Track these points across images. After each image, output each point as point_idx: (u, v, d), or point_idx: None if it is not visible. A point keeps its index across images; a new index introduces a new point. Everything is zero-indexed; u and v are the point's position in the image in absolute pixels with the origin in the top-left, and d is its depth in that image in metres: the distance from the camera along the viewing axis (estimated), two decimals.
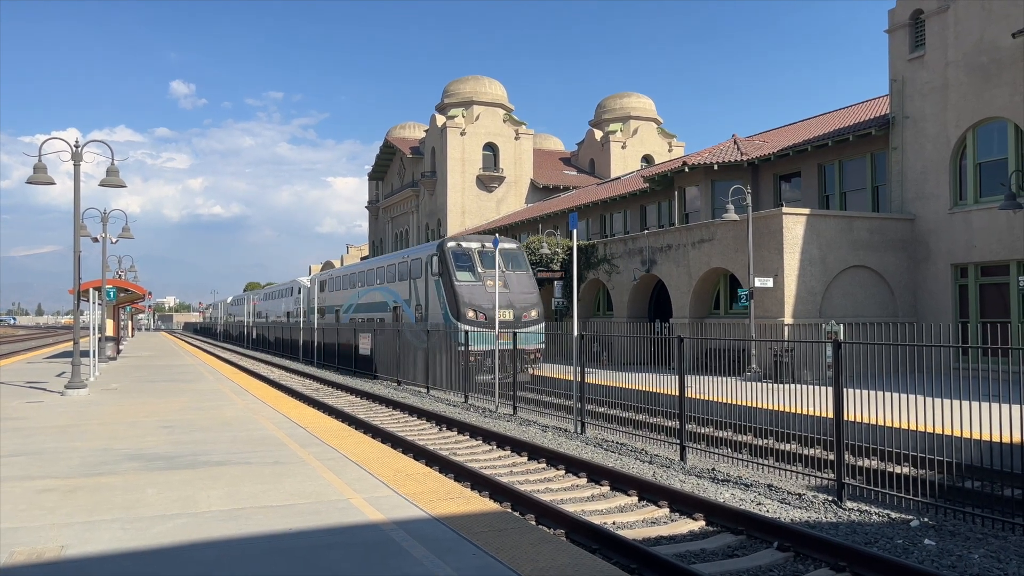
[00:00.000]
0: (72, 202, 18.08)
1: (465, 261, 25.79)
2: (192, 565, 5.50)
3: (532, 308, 25.61)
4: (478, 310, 24.52)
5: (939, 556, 7.97)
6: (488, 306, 24.21)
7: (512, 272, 26.02)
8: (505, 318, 24.08)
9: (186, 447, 10.41)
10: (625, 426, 16.03)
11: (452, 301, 24.89)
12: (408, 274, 29.38)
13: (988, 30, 21.89)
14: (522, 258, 27.18)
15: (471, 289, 25.13)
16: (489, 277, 25.22)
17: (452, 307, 24.97)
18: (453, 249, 26.11)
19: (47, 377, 22.90)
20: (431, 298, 26.64)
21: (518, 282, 25.97)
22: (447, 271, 25.56)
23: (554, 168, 67.82)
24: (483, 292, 25.02)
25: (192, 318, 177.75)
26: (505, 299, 24.57)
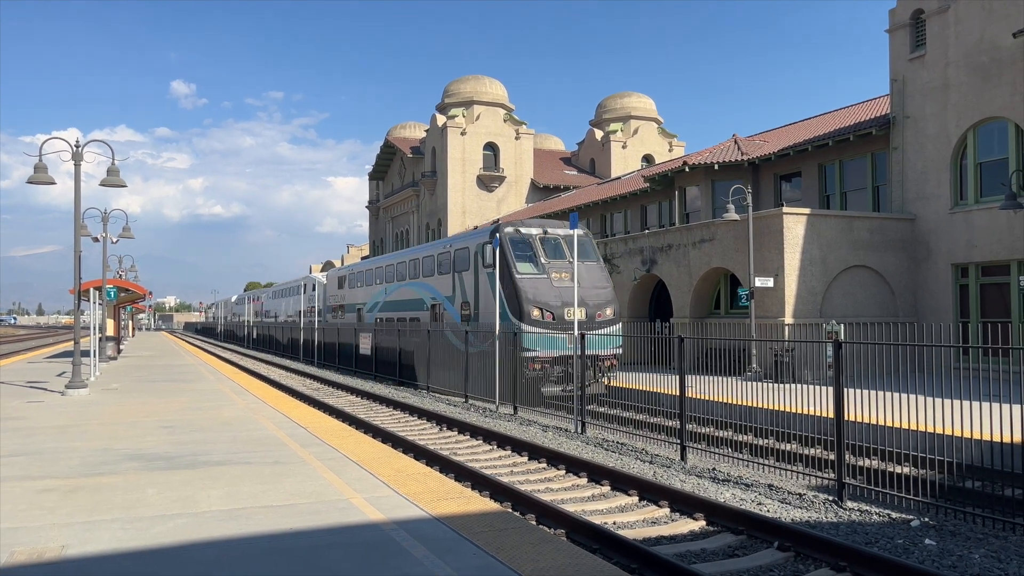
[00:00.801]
0: (72, 202, 18.09)
1: (525, 250, 21.70)
2: (192, 565, 5.50)
3: (607, 305, 21.51)
4: (544, 308, 20.58)
5: (940, 556, 7.97)
6: (556, 303, 20.73)
7: (581, 262, 21.47)
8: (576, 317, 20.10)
9: (186, 447, 10.41)
10: (626, 426, 16.01)
11: (512, 298, 20.83)
12: (451, 266, 25.15)
13: (988, 30, 21.88)
14: (591, 246, 22.93)
15: (534, 283, 21.11)
16: (555, 269, 21.55)
17: (512, 305, 20.95)
18: (511, 236, 21.92)
19: (47, 377, 22.90)
20: (483, 294, 22.74)
21: (588, 274, 21.76)
22: (505, 262, 21.48)
23: (554, 168, 67.82)
24: (548, 287, 21.14)
25: (192, 318, 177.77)
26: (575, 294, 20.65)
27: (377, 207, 78.98)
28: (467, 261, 23.98)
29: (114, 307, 35.07)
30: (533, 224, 22.84)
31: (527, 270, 21.36)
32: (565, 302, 20.39)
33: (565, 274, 21.04)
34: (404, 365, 27.54)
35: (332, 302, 41.26)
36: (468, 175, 61.08)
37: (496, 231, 22.27)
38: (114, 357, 32.61)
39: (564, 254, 21.72)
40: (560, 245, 21.90)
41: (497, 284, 21.60)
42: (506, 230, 22.21)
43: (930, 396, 15.23)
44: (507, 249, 21.67)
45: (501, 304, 21.44)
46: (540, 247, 22.00)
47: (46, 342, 68.22)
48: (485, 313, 22.52)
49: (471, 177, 61.17)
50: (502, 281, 21.43)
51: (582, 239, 22.25)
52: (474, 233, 25.06)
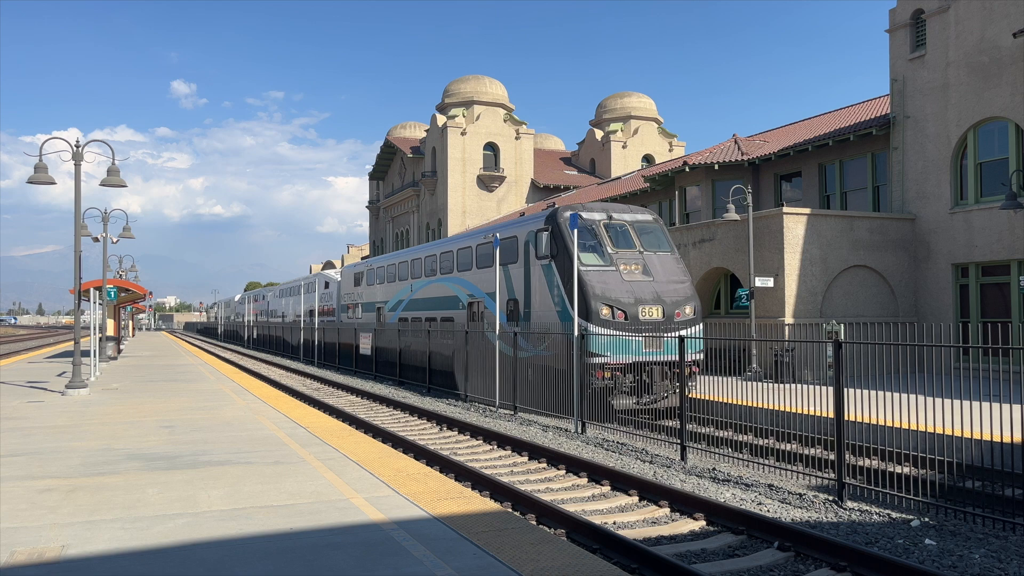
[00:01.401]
0: (73, 202, 18.10)
1: (588, 238, 18.80)
2: (193, 565, 5.50)
3: (687, 303, 18.55)
4: (615, 305, 17.67)
5: (940, 556, 7.97)
6: (628, 300, 17.87)
7: (653, 253, 19.15)
8: (653, 316, 17.87)
9: (187, 447, 10.42)
10: (626, 426, 16.02)
11: (575, 293, 17.74)
12: (494, 259, 21.85)
13: (989, 30, 21.88)
14: (663, 234, 19.95)
15: (602, 277, 18.16)
16: (624, 260, 18.67)
17: (574, 302, 17.87)
18: (571, 222, 18.59)
19: (48, 377, 22.91)
20: (535, 290, 19.84)
21: (663, 266, 19.03)
22: (565, 252, 18.48)
23: (555, 168, 67.84)
24: (618, 280, 18.21)
25: (192, 318, 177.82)
26: (651, 290, 18.29)
27: (377, 207, 79.02)
28: (515, 252, 21.02)
29: (114, 307, 35.08)
30: (596, 208, 19.66)
31: (592, 261, 18.40)
32: (639, 298, 17.85)
33: (636, 266, 18.53)
34: (438, 371, 24.63)
35: (347, 301, 38.59)
36: (468, 175, 61.09)
37: (553, 216, 19.31)
38: (114, 357, 32.62)
39: (633, 242, 19.02)
40: (628, 232, 19.13)
41: (555, 278, 18.84)
42: (565, 215, 19.07)
43: (930, 396, 15.26)
44: (568, 237, 18.55)
45: (560, 301, 18.62)
46: (605, 234, 19.04)
47: (46, 342, 68.25)
48: (539, 312, 19.69)
49: (471, 177, 61.17)
50: (562, 274, 18.61)
51: (652, 226, 19.82)
52: (523, 220, 21.46)
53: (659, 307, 18.07)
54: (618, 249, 18.91)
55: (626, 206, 20.05)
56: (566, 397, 17.28)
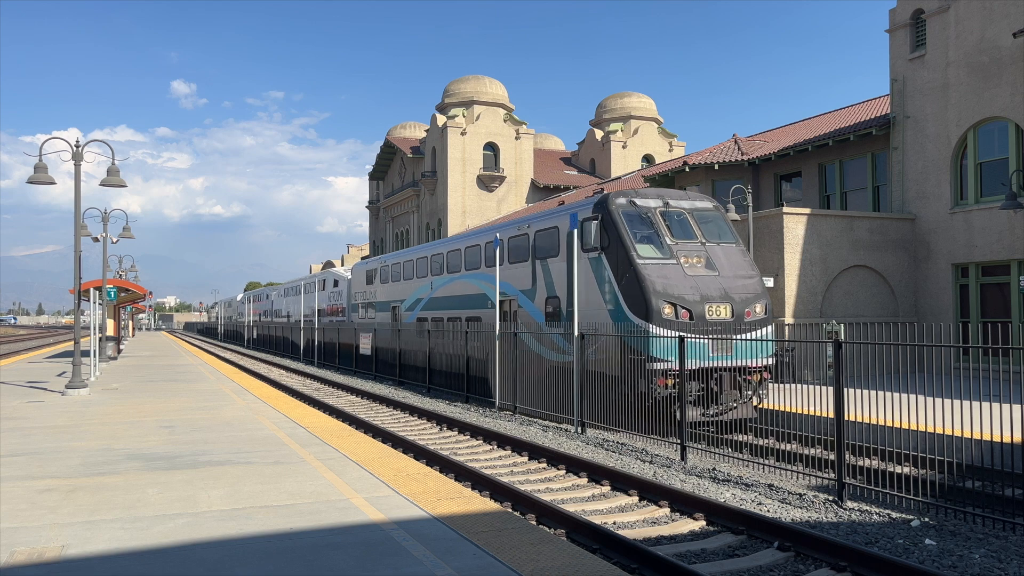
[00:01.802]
0: (73, 202, 18.10)
1: (644, 227, 16.84)
2: (193, 565, 5.50)
3: (756, 300, 16.49)
4: (678, 304, 15.68)
5: (940, 556, 7.97)
6: (693, 297, 15.88)
7: (716, 244, 17.16)
8: (721, 315, 15.91)
9: (187, 447, 10.42)
10: (626, 426, 16.02)
11: (632, 290, 15.95)
12: (530, 252, 20.18)
13: (989, 30, 21.88)
14: (725, 222, 17.92)
15: (662, 271, 16.11)
16: (685, 252, 16.65)
17: (632, 299, 15.92)
18: (625, 209, 17.03)
19: (48, 377, 22.91)
20: (581, 286, 17.69)
21: (728, 259, 16.99)
22: (620, 243, 16.51)
23: (555, 168, 67.85)
24: (680, 275, 16.20)
25: (192, 318, 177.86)
26: (717, 286, 16.23)
27: (377, 207, 79.02)
28: (555, 245, 19.04)
29: (114, 307, 35.10)
30: (650, 194, 17.67)
31: (649, 254, 16.37)
32: (704, 295, 15.93)
33: (698, 258, 16.58)
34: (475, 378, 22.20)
35: (358, 300, 36.45)
36: (468, 175, 61.10)
37: (604, 203, 17.27)
38: (114, 357, 32.63)
39: (693, 232, 17.12)
40: (687, 221, 17.24)
41: (606, 272, 16.81)
42: (618, 201, 17.15)
43: (930, 396, 15.26)
44: (622, 226, 16.66)
45: (612, 298, 16.54)
46: (663, 223, 17.01)
47: (46, 342, 68.26)
48: (586, 310, 17.45)
49: (471, 177, 61.18)
50: (615, 268, 16.56)
51: (713, 213, 17.84)
52: (564, 209, 19.39)
53: (727, 305, 16.08)
54: (678, 240, 16.87)
55: (683, 192, 18.04)
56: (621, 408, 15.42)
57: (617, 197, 17.34)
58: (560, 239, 18.82)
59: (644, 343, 15.10)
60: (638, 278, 15.94)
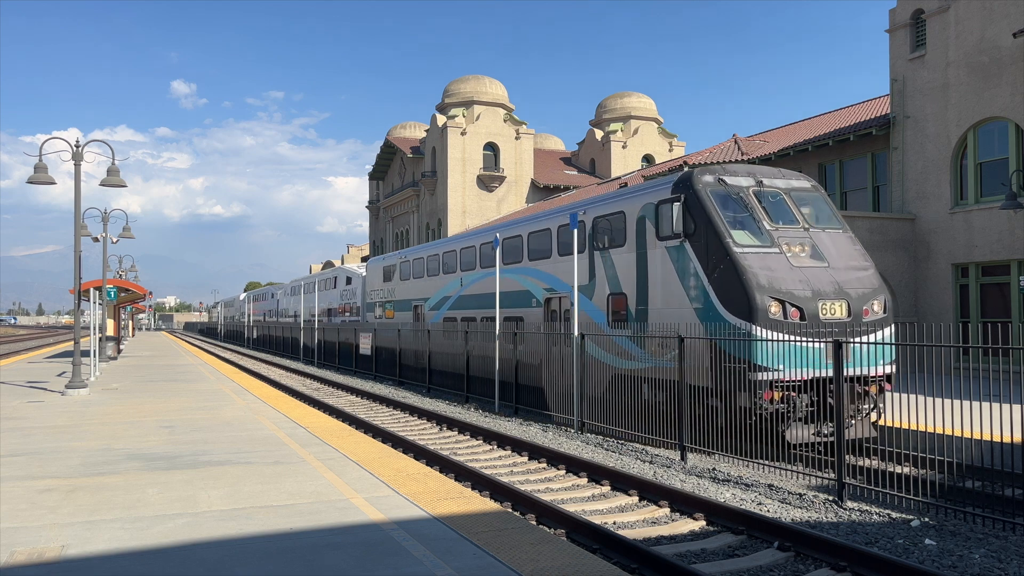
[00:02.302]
0: (73, 202, 18.10)
1: (737, 209, 14.40)
2: (193, 565, 5.50)
3: (875, 296, 13.94)
4: (787, 300, 13.20)
5: (940, 556, 7.97)
6: (804, 292, 13.36)
7: (821, 230, 14.65)
8: (836, 314, 13.41)
9: (187, 447, 10.42)
10: (626, 426, 16.01)
11: (728, 284, 13.52)
12: (587, 242, 17.72)
13: (989, 30, 21.88)
14: (827, 205, 15.41)
15: (764, 261, 13.62)
16: (787, 239, 14.12)
17: (728, 295, 13.51)
18: (714, 188, 14.58)
19: (48, 377, 22.91)
20: (657, 280, 15.28)
21: (837, 248, 14.48)
22: (711, 229, 14.02)
23: (555, 168, 67.87)
24: (785, 267, 13.70)
25: (192, 318, 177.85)
26: (829, 279, 13.69)
27: (377, 207, 79.04)
28: (620, 233, 16.58)
29: (114, 307, 35.10)
30: (740, 171, 15.24)
31: (747, 241, 13.88)
32: (816, 291, 13.43)
33: (803, 247, 14.11)
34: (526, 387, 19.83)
35: (374, 298, 34.11)
36: (468, 175, 61.11)
37: (688, 181, 14.84)
38: (114, 357, 32.63)
39: (793, 216, 14.59)
40: (784, 203, 14.75)
41: (692, 264, 14.32)
42: (704, 179, 14.76)
43: (930, 396, 15.25)
44: (712, 208, 14.19)
45: (701, 294, 14.06)
46: (758, 205, 14.50)
47: (46, 342, 68.27)
48: (662, 309, 15.12)
49: (471, 177, 61.19)
50: (704, 259, 14.08)
51: (813, 194, 15.34)
52: (631, 191, 16.81)
53: (843, 302, 13.54)
54: (777, 224, 14.33)
55: (775, 169, 15.69)
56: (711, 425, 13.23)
57: (703, 174, 14.89)
58: (628, 226, 16.29)
59: (746, 348, 12.64)
60: (737, 270, 13.38)
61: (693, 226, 14.43)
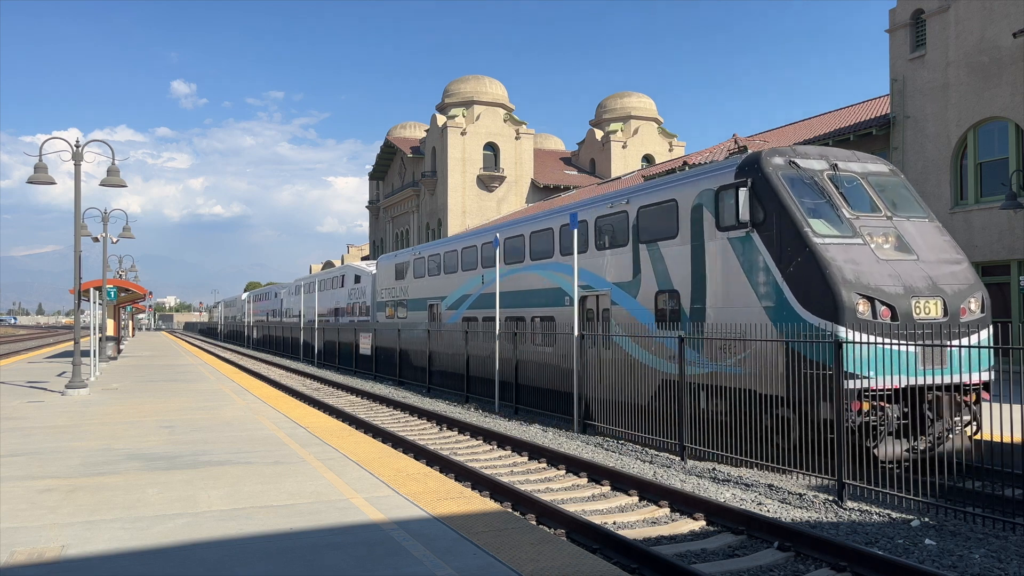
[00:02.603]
0: (73, 202, 18.10)
1: (813, 195, 12.79)
2: (193, 565, 5.50)
3: (971, 294, 12.47)
4: (876, 298, 11.69)
5: (940, 556, 7.97)
6: (895, 289, 11.80)
7: (904, 219, 13.05)
8: (930, 313, 11.93)
9: (187, 447, 10.42)
10: (625, 426, 16.00)
11: (807, 279, 11.98)
12: (630, 234, 16.28)
13: (989, 30, 21.89)
14: (909, 192, 13.83)
15: (848, 253, 12.04)
16: (870, 229, 12.53)
17: (806, 292, 11.95)
18: (785, 171, 12.95)
19: (48, 377, 22.91)
20: (717, 276, 13.73)
21: (924, 239, 12.92)
22: (783, 216, 12.45)
23: (555, 168, 67.88)
24: (871, 260, 12.11)
25: (192, 318, 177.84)
26: (921, 274, 12.22)
27: (377, 207, 79.05)
28: (671, 223, 14.99)
29: (114, 307, 35.11)
30: (811, 152, 13.60)
31: (826, 231, 12.29)
32: (909, 287, 11.93)
33: (888, 237, 12.56)
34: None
35: (386, 297, 32.56)
36: (468, 175, 61.11)
37: (756, 164, 13.13)
38: (114, 357, 32.63)
39: (873, 203, 13.02)
40: (862, 188, 13.19)
41: (762, 257, 12.74)
42: (775, 161, 13.06)
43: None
44: (785, 194, 12.57)
45: (773, 291, 12.50)
46: (835, 191, 12.90)
47: (46, 342, 68.27)
48: (724, 308, 13.53)
49: (471, 177, 61.20)
50: (776, 251, 12.49)
51: (892, 179, 13.78)
52: (682, 178, 15.29)
53: (937, 300, 12.02)
54: (858, 213, 12.74)
55: (849, 151, 14.13)
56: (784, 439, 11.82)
57: (772, 156, 13.22)
58: (681, 216, 14.68)
59: (830, 352, 10.96)
60: (818, 263, 11.82)
61: (762, 214, 12.79)
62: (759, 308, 12.74)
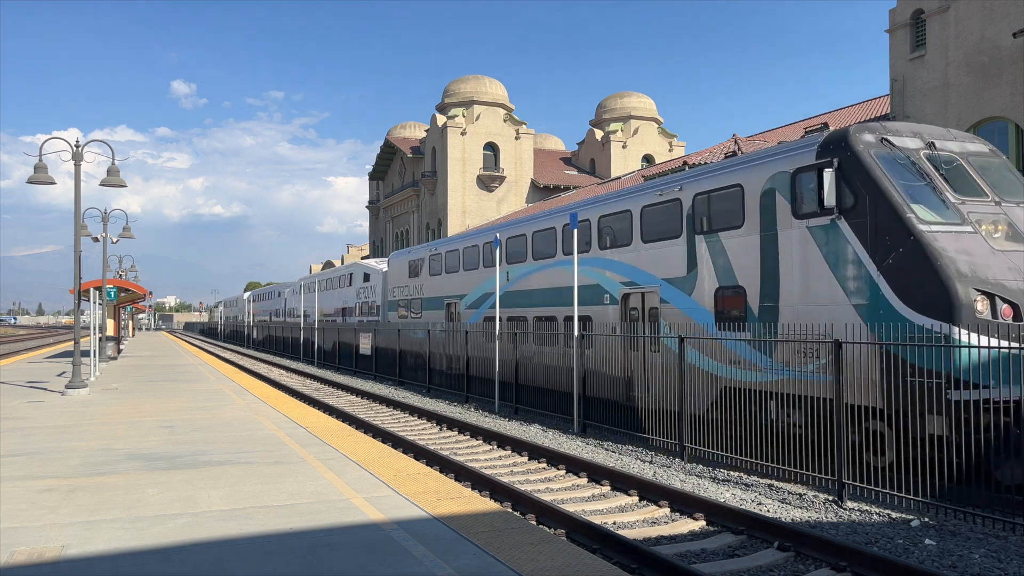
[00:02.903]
0: (73, 202, 18.10)
1: (912, 177, 11.35)
2: (193, 565, 5.50)
3: None
4: (996, 293, 10.41)
5: (940, 556, 7.97)
6: (1019, 284, 10.59)
7: (1015, 204, 11.65)
8: None
9: (187, 447, 10.42)
10: (626, 426, 16.00)
11: (911, 272, 10.64)
12: (683, 225, 14.76)
13: (989, 30, 21.89)
14: (1013, 174, 12.41)
15: (958, 242, 10.69)
16: (979, 215, 11.19)
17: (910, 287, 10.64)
18: (878, 150, 11.54)
19: (48, 377, 22.91)
20: (794, 269, 12.26)
21: None
22: (883, 201, 11.01)
23: (555, 168, 67.89)
24: (985, 250, 10.77)
25: (192, 318, 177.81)
26: None
27: (377, 207, 79.06)
28: (735, 211, 13.54)
29: (114, 307, 35.11)
30: (903, 129, 12.16)
31: (931, 217, 10.89)
32: None
33: (998, 225, 11.17)
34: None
35: (398, 296, 31.06)
36: (468, 175, 61.12)
37: (844, 141, 11.67)
38: (114, 357, 32.64)
39: (977, 186, 11.61)
40: (963, 170, 11.78)
41: (852, 247, 11.32)
42: (865, 138, 11.65)
43: None
44: (881, 175, 11.16)
45: (867, 287, 11.08)
46: (935, 173, 11.49)
47: (46, 342, 68.27)
48: (802, 306, 12.07)
49: (471, 177, 61.20)
50: (872, 240, 11.07)
51: (994, 160, 12.35)
52: (751, 158, 13.67)
53: None
54: (963, 197, 11.32)
55: (943, 129, 12.74)
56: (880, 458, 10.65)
57: (862, 132, 11.76)
58: (747, 202, 13.27)
59: (943, 357, 9.80)
60: (926, 254, 10.43)
61: (852, 199, 11.35)
62: (847, 306, 11.35)
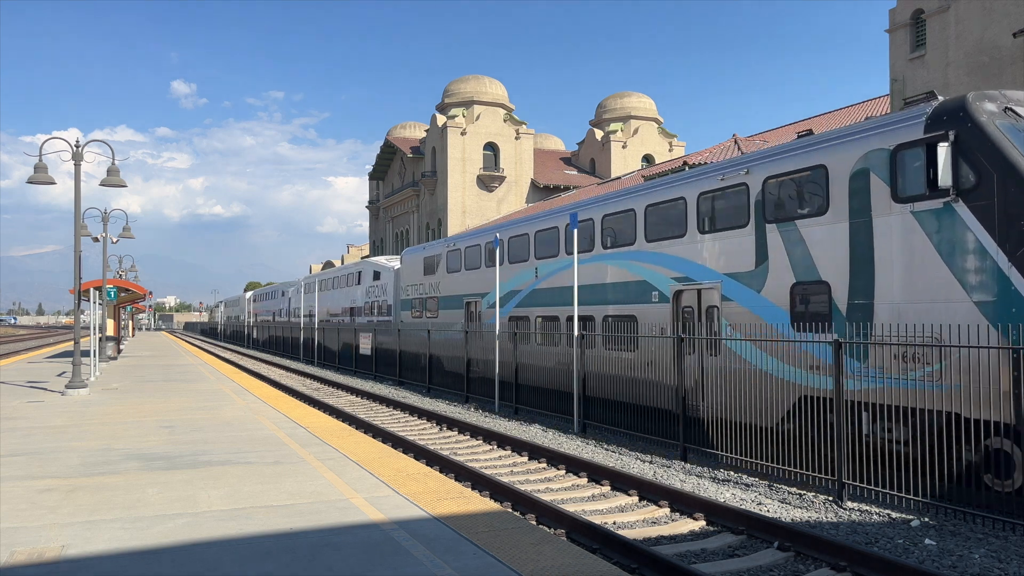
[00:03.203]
0: (73, 202, 18.10)
1: None
2: (193, 565, 5.50)
3: None
4: None
5: (940, 556, 7.97)
6: None
7: None
8: None
9: (187, 447, 10.42)
10: (626, 426, 16.00)
11: None
12: (751, 213, 13.26)
13: (988, 30, 21.88)
14: None
15: None
16: None
17: None
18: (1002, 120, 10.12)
19: (48, 377, 22.91)
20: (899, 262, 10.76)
21: None
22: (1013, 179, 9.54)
23: (555, 168, 67.91)
24: None
25: (192, 318, 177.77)
26: None
27: (377, 207, 79.07)
28: (817, 196, 12.13)
29: (114, 307, 35.10)
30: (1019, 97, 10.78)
31: None
32: None
33: None
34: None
35: (411, 295, 29.47)
36: (468, 175, 61.13)
37: (963, 111, 10.16)
38: (114, 357, 32.64)
39: None
40: None
41: (973, 235, 9.89)
42: (987, 107, 10.21)
43: None
44: (1011, 149, 9.70)
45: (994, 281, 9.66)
46: None
47: (46, 342, 68.28)
48: (908, 303, 10.62)
49: (471, 177, 61.21)
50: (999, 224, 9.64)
51: None
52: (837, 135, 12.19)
53: None
54: None
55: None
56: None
57: (982, 101, 10.29)
58: (832, 186, 11.80)
59: None
60: None
61: (975, 178, 9.89)
62: (967, 304, 9.92)
